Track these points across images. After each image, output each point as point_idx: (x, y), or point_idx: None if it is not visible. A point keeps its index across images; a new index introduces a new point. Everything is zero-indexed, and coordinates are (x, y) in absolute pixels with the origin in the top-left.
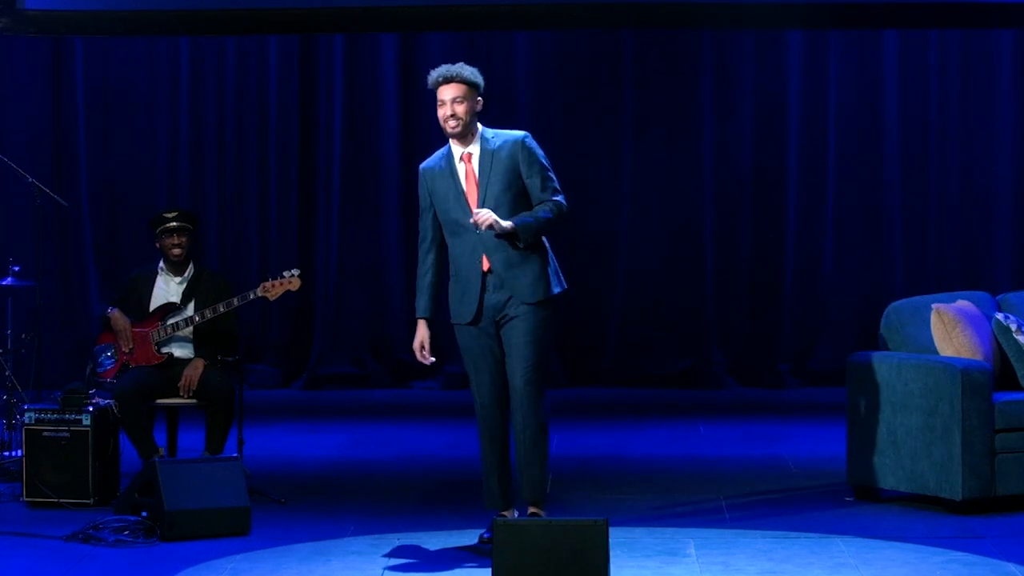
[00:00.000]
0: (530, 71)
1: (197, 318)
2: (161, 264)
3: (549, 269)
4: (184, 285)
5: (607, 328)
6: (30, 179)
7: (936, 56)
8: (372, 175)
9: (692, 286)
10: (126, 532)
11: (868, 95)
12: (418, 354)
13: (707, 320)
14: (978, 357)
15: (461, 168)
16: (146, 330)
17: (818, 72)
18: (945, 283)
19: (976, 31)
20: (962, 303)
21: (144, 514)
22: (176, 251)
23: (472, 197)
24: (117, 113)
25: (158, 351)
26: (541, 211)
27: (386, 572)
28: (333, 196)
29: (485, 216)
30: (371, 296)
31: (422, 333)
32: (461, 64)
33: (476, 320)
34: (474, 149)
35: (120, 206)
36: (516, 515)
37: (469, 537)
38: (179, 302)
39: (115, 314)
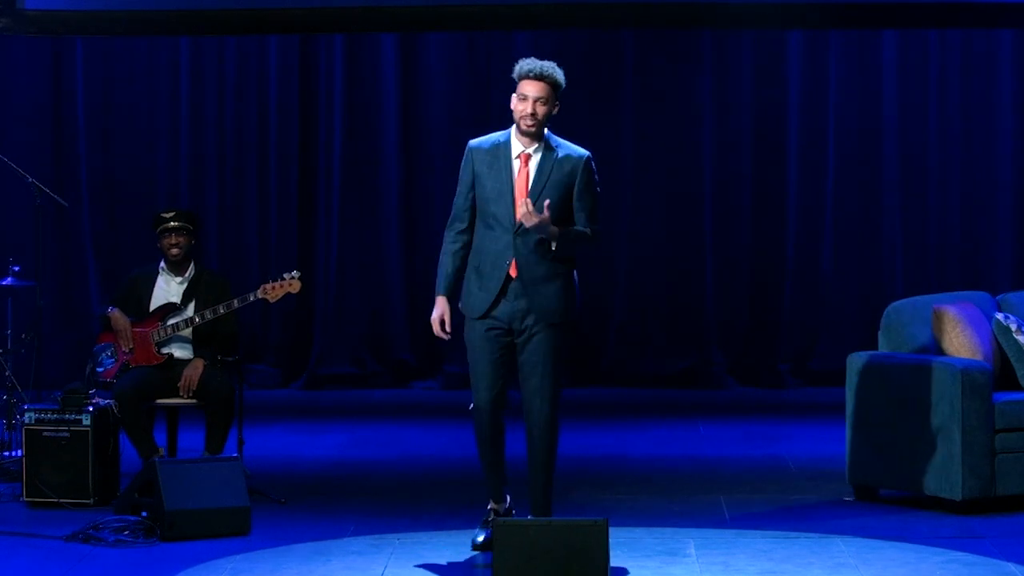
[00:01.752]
0: None
1: (197, 319)
2: (162, 264)
3: (572, 292)
4: (184, 285)
5: (607, 328)
6: (30, 179)
7: (936, 56)
8: (372, 175)
9: (692, 286)
10: (126, 532)
11: (868, 95)
12: (436, 327)
13: (707, 320)
14: (978, 357)
15: (516, 165)
16: (146, 330)
17: (818, 72)
18: (945, 283)
19: (976, 31)
20: (962, 303)
21: (144, 514)
22: (175, 251)
23: (520, 199)
24: (117, 113)
25: (158, 351)
26: (582, 234)
27: (386, 572)
28: (333, 196)
29: (536, 218)
30: (371, 296)
31: (442, 307)
32: (552, 64)
33: (484, 317)
34: (535, 152)
35: (120, 206)
36: (508, 500)
37: (469, 537)
38: (179, 302)
39: (115, 314)
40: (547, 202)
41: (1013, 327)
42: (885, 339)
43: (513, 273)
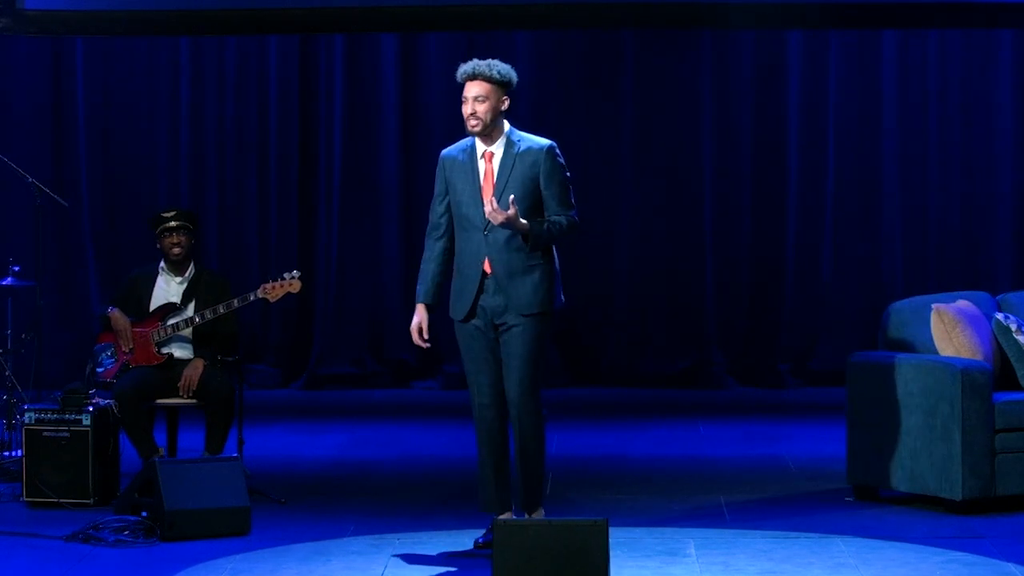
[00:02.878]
0: (530, 71)
1: (197, 319)
2: (162, 264)
3: (550, 282)
4: (184, 285)
5: (607, 328)
6: (30, 179)
7: (936, 56)
8: (372, 175)
9: (692, 286)
10: (126, 532)
11: (868, 95)
12: (415, 336)
13: (707, 320)
14: (978, 357)
15: (481, 166)
16: (146, 330)
17: (818, 72)
18: (945, 283)
19: (976, 31)
20: (962, 303)
21: (144, 514)
22: (176, 250)
23: (487, 197)
24: (117, 113)
25: (158, 351)
26: (555, 223)
27: (386, 572)
28: (333, 196)
29: (501, 215)
30: (371, 296)
31: (420, 316)
32: (491, 61)
33: (468, 318)
34: (497, 149)
35: (120, 206)
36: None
37: (469, 537)
38: (179, 302)
39: (115, 314)
40: (512, 197)
41: (1013, 327)
42: (885, 339)
43: (487, 270)
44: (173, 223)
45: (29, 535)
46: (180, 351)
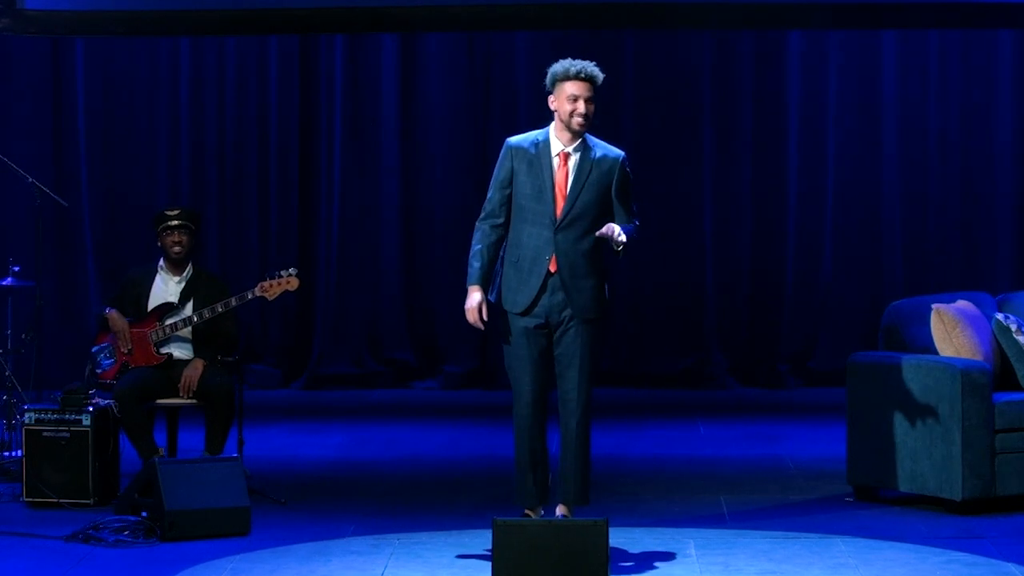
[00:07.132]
0: (530, 71)
1: (195, 318)
2: (161, 263)
3: (606, 288)
4: (183, 285)
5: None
6: (30, 179)
7: (936, 56)
8: (372, 176)
9: (692, 286)
10: (126, 532)
11: (868, 95)
12: (473, 315)
13: (707, 320)
14: (978, 357)
15: (555, 163)
16: (144, 330)
17: (818, 72)
18: (945, 283)
19: (976, 31)
20: (962, 303)
21: (144, 514)
22: (176, 248)
23: (560, 196)
24: (117, 113)
25: (157, 351)
26: (632, 230)
27: (386, 572)
28: (333, 196)
29: (619, 235)
30: (371, 296)
31: (480, 296)
32: (593, 63)
33: (527, 311)
34: (574, 151)
35: (120, 206)
36: (543, 514)
37: (469, 537)
38: (176, 302)
39: (113, 314)
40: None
41: (1013, 327)
42: (885, 339)
43: (552, 268)
44: (175, 221)
45: (29, 535)
46: (180, 351)
